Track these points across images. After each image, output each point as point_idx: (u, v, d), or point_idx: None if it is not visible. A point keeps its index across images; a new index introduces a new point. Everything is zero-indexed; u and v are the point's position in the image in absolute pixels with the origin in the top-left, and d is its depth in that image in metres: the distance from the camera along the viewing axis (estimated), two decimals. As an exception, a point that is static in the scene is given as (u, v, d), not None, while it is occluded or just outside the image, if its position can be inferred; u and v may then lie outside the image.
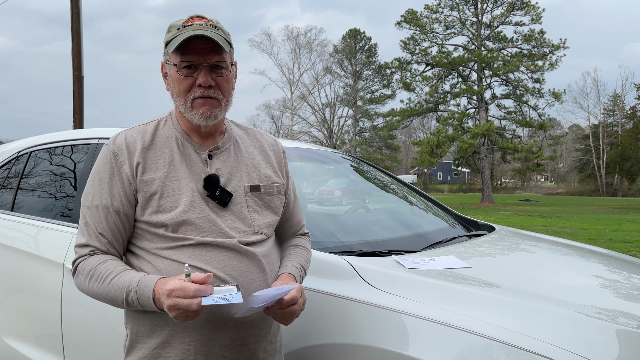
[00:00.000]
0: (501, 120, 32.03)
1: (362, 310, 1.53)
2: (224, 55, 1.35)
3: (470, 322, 1.39)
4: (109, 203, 1.35)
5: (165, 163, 1.37)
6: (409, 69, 31.58)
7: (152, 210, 1.34)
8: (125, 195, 1.35)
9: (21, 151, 2.98)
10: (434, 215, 2.81)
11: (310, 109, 40.00)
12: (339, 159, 3.06)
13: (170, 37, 1.35)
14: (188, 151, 1.40)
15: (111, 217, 1.35)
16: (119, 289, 1.26)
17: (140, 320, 1.36)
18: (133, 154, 1.37)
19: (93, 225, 1.35)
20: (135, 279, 1.26)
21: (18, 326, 2.56)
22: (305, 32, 43.16)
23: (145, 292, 1.23)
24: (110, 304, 1.31)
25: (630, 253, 8.52)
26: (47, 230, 2.51)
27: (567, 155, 57.64)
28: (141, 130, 1.42)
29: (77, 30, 10.37)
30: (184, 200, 1.34)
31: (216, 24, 1.36)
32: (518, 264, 2.15)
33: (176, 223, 1.33)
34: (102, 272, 1.30)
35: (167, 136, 1.41)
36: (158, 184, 1.35)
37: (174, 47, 1.30)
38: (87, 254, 1.35)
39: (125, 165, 1.35)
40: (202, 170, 1.39)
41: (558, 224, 14.88)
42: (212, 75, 1.34)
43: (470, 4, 30.99)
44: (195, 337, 1.32)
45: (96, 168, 1.40)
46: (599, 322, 1.44)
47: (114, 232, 1.36)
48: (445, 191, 54.03)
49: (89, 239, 1.35)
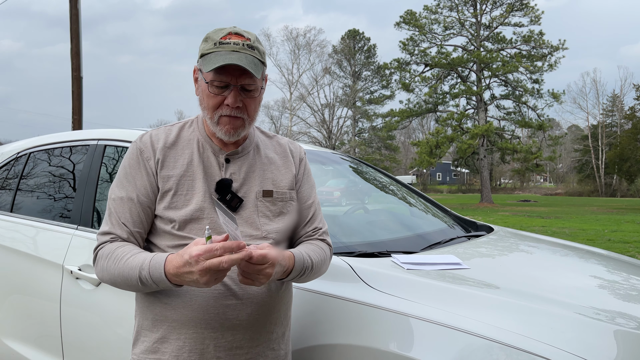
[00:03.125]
0: (500, 120, 32.06)
1: (361, 312, 1.53)
2: (254, 78, 1.37)
3: (470, 323, 1.39)
4: (134, 195, 1.40)
5: (184, 163, 1.42)
6: (408, 70, 31.60)
7: (164, 206, 1.39)
8: (150, 187, 1.41)
9: (20, 152, 2.98)
10: (432, 216, 2.81)
11: (309, 110, 40.05)
12: (338, 159, 3.07)
13: (206, 50, 1.36)
14: (207, 154, 1.45)
15: (135, 208, 1.39)
16: (133, 268, 1.29)
17: (144, 314, 1.41)
18: (156, 150, 1.43)
19: (116, 215, 1.40)
20: (149, 256, 1.29)
21: (17, 327, 2.55)
22: (304, 32, 43.16)
23: (157, 268, 1.25)
24: (127, 286, 1.33)
25: (629, 253, 8.53)
26: (46, 231, 2.51)
27: (566, 156, 57.68)
28: (166, 130, 1.49)
29: (76, 31, 10.37)
30: (195, 200, 1.39)
31: (253, 42, 1.37)
32: (517, 264, 2.15)
33: (184, 221, 1.37)
34: (119, 253, 1.33)
35: (189, 138, 1.47)
36: (174, 182, 1.40)
37: (208, 68, 1.32)
38: (108, 241, 1.38)
39: (151, 160, 1.42)
40: (217, 173, 1.43)
41: (557, 225, 14.89)
42: (241, 96, 1.37)
43: (469, 4, 31.02)
44: (190, 335, 1.34)
45: (123, 164, 1.46)
46: (598, 323, 1.45)
47: (136, 222, 1.40)
48: (445, 191, 54.04)
49: (112, 227, 1.39)
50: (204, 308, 1.34)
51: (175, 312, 1.36)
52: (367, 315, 1.52)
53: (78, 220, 2.40)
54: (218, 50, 1.34)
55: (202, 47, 1.39)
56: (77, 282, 2.22)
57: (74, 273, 2.22)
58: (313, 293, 1.64)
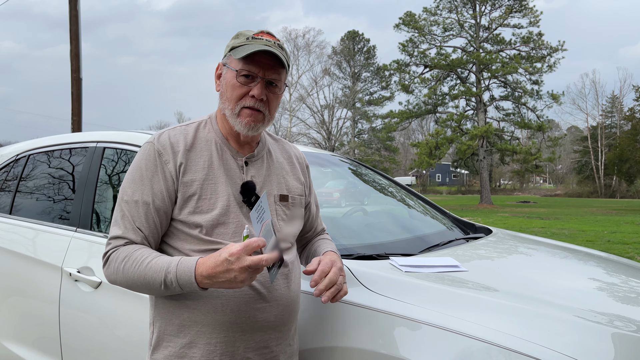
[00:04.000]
0: (500, 121, 32.08)
1: (360, 314, 1.53)
2: (281, 74, 1.42)
3: (468, 326, 1.39)
4: (150, 199, 1.36)
5: (205, 165, 1.41)
6: (408, 71, 31.62)
7: (189, 211, 1.37)
8: (167, 192, 1.37)
9: (19, 154, 2.98)
10: (431, 218, 2.81)
11: (308, 111, 40.04)
12: (337, 161, 3.07)
13: (237, 44, 1.40)
14: (226, 156, 1.44)
15: (150, 214, 1.36)
16: (157, 271, 1.27)
17: (168, 319, 1.39)
18: (177, 153, 1.40)
19: (131, 218, 1.36)
20: (175, 260, 1.28)
21: (16, 329, 2.55)
22: (303, 33, 43.16)
23: (186, 272, 1.24)
24: (145, 288, 1.32)
25: (629, 255, 8.54)
26: (46, 233, 2.51)
27: (565, 157, 57.69)
28: (183, 131, 1.45)
29: (76, 32, 10.37)
30: (220, 203, 1.38)
31: (282, 44, 1.42)
32: (516, 267, 2.15)
33: (211, 225, 1.36)
34: (138, 256, 1.31)
35: (207, 139, 1.45)
36: (197, 186, 1.38)
37: (241, 54, 1.35)
38: (122, 245, 1.35)
39: (170, 164, 1.38)
40: (239, 176, 1.43)
41: (556, 226, 14.90)
42: (266, 90, 1.40)
43: (468, 6, 31.05)
44: (222, 339, 1.36)
45: (137, 164, 1.41)
46: (597, 326, 1.45)
47: (151, 227, 1.37)
48: (444, 193, 54.05)
49: (126, 231, 1.36)
50: (235, 312, 1.36)
51: (205, 317, 1.36)
52: (365, 318, 1.52)
53: (77, 222, 2.40)
54: (251, 43, 1.37)
55: (232, 42, 1.42)
56: (75, 284, 2.22)
57: (73, 275, 2.22)
58: (311, 296, 1.64)
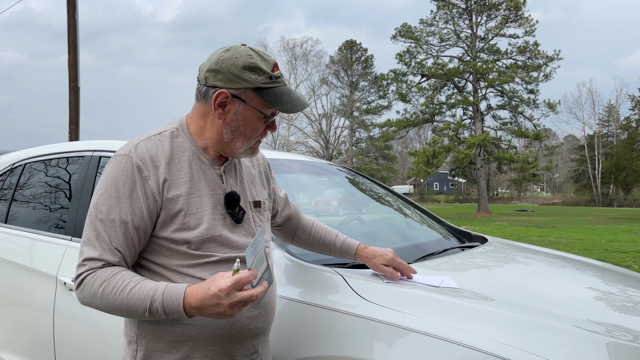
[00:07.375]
0: (497, 130, 32.18)
1: (354, 323, 1.53)
2: None
3: (464, 336, 1.38)
4: (128, 218, 1.28)
5: (187, 179, 1.35)
6: (405, 81, 31.75)
7: (175, 228, 1.31)
8: (147, 210, 1.29)
9: (16, 163, 2.98)
10: (427, 227, 2.81)
11: (306, 120, 40.10)
12: (334, 170, 3.07)
13: (262, 85, 1.33)
14: (204, 167, 1.39)
15: (129, 233, 1.28)
16: (141, 299, 1.21)
17: (157, 336, 1.33)
18: (158, 168, 1.32)
19: (107, 239, 1.27)
20: (160, 287, 1.22)
21: (10, 338, 2.54)
22: (301, 43, 43.34)
23: (174, 301, 1.19)
24: (126, 314, 1.25)
25: (626, 263, 8.53)
26: (41, 242, 2.50)
27: (562, 166, 57.85)
28: (157, 142, 1.37)
29: (74, 41, 10.40)
30: (206, 217, 1.34)
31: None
32: (512, 276, 2.15)
33: (200, 240, 1.33)
34: (118, 281, 1.24)
35: (182, 149, 1.38)
36: (183, 201, 1.32)
37: (278, 106, 1.33)
38: (99, 267, 1.27)
39: (151, 180, 1.30)
40: (219, 186, 1.40)
41: (554, 234, 14.90)
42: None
43: (464, 17, 31.26)
44: (218, 351, 1.35)
45: (112, 179, 1.30)
46: (594, 336, 1.44)
47: (129, 247, 1.30)
48: (442, 201, 54.06)
49: (102, 252, 1.27)
50: (231, 323, 1.35)
51: (200, 332, 1.33)
52: (359, 327, 1.51)
53: (72, 231, 2.39)
54: (277, 85, 1.36)
55: (251, 77, 1.32)
56: (70, 293, 2.20)
57: (68, 284, 2.20)
58: (304, 304, 1.63)
